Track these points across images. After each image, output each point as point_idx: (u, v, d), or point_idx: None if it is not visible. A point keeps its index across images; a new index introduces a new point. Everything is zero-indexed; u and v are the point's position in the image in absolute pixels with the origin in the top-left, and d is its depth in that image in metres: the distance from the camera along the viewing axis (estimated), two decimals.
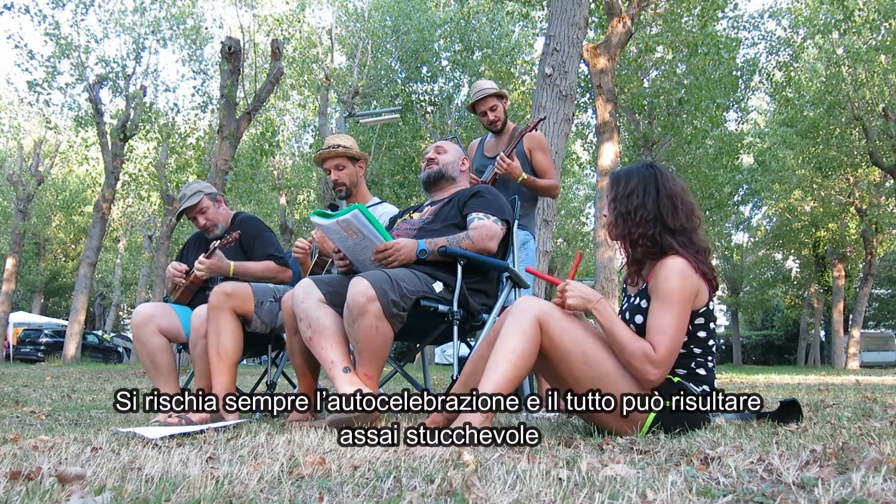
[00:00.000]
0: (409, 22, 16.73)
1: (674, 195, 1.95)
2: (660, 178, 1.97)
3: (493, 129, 3.59)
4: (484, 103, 3.52)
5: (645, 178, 1.98)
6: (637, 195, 1.95)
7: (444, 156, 2.88)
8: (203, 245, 3.20)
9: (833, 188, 20.43)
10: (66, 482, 1.27)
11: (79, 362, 16.10)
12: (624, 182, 2.00)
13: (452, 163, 2.88)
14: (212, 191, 3.23)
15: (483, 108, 3.53)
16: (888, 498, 1.06)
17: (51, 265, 29.60)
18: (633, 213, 1.94)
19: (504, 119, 3.58)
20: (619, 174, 2.05)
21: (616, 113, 10.58)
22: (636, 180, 1.98)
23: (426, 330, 2.58)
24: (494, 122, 3.55)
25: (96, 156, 19.57)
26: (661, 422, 1.86)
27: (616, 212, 1.99)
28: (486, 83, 3.58)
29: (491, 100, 3.52)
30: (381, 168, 16.74)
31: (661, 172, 2.00)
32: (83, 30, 16.28)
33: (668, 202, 1.94)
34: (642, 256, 1.98)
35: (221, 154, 10.26)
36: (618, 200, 1.99)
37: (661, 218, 1.92)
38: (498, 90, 3.54)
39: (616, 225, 1.99)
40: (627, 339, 1.83)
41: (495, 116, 3.54)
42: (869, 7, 15.21)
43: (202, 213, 3.15)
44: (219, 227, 3.19)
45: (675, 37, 13.65)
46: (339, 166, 3.20)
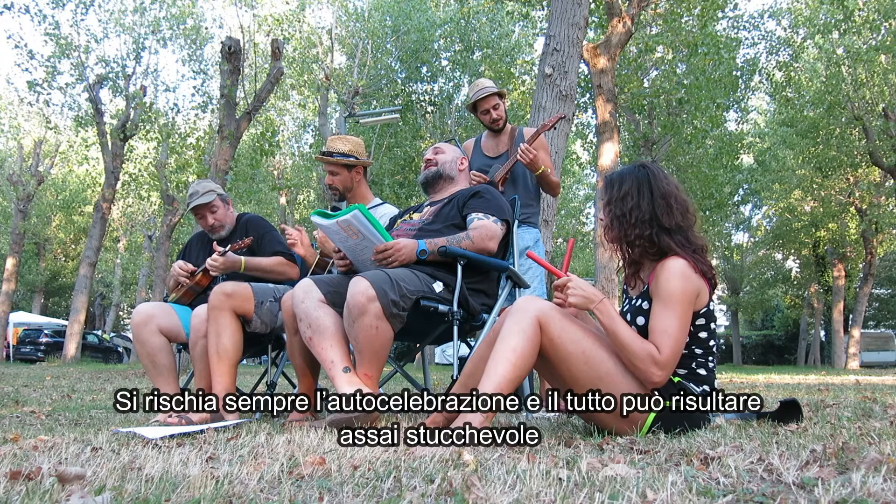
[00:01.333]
0: (409, 22, 16.73)
1: (667, 194, 1.95)
2: (653, 178, 1.98)
3: (494, 127, 3.60)
4: (486, 102, 3.53)
5: (638, 180, 1.97)
6: (631, 197, 1.95)
7: (442, 156, 2.89)
8: (207, 245, 3.20)
9: (833, 188, 20.43)
10: (66, 482, 1.27)
11: (79, 362, 16.10)
12: (617, 184, 2.00)
13: (450, 162, 2.88)
14: (223, 192, 3.28)
15: (485, 107, 3.54)
16: (888, 498, 1.06)
17: (51, 265, 29.60)
18: (628, 214, 1.94)
19: (506, 118, 3.59)
20: (612, 177, 2.05)
21: (616, 113, 10.57)
22: (629, 182, 1.98)
23: (426, 330, 2.58)
24: (497, 121, 3.56)
25: (96, 156, 19.58)
26: (661, 422, 1.86)
27: (611, 215, 1.99)
28: (486, 82, 3.59)
29: (493, 98, 3.53)
30: (381, 168, 16.74)
31: (654, 172, 2.00)
32: (83, 30, 16.29)
33: (662, 202, 1.94)
34: (640, 257, 1.98)
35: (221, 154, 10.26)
36: (612, 203, 1.99)
37: (657, 218, 1.92)
38: (498, 89, 3.56)
39: (612, 228, 1.99)
40: (631, 339, 1.83)
41: (498, 115, 3.55)
42: (869, 7, 15.21)
43: (212, 212, 3.18)
44: (225, 228, 3.21)
45: (675, 37, 13.65)
46: (333, 172, 3.19)
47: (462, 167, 2.91)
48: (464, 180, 2.92)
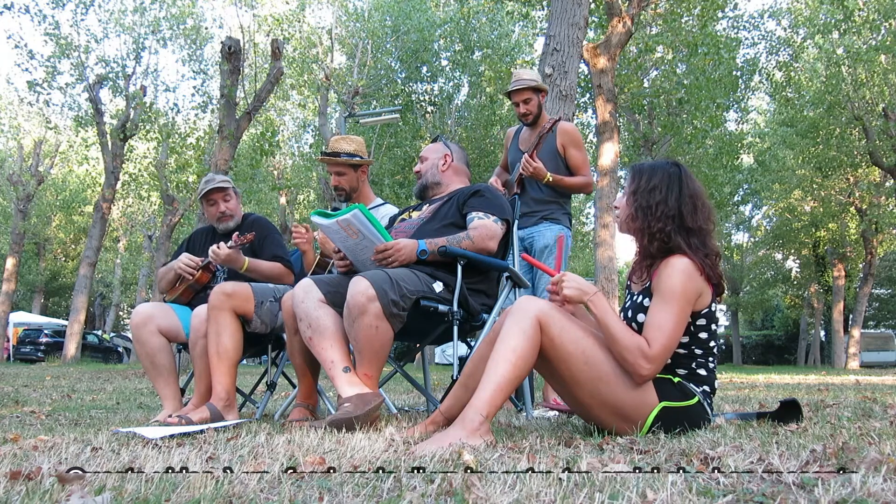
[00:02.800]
0: (409, 22, 16.73)
1: (696, 195, 1.95)
2: (684, 176, 1.97)
3: (524, 121, 3.58)
4: (518, 95, 3.49)
5: (670, 175, 1.96)
6: (660, 191, 1.94)
7: (425, 164, 2.87)
8: (209, 242, 3.17)
9: (833, 188, 20.43)
10: (66, 482, 1.27)
11: (79, 362, 16.11)
12: (647, 176, 1.98)
13: (431, 169, 2.85)
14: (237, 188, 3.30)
15: (517, 99, 3.51)
16: (888, 498, 1.06)
17: (51, 265, 29.60)
18: (654, 207, 1.93)
19: (537, 113, 3.54)
20: (642, 167, 2.02)
21: (616, 113, 10.57)
22: (660, 175, 1.97)
23: (426, 330, 2.58)
24: (526, 115, 3.53)
25: (96, 156, 19.57)
26: (661, 422, 1.86)
27: (636, 204, 1.97)
28: (525, 73, 3.55)
29: (526, 92, 3.49)
30: (381, 168, 16.74)
31: (686, 172, 1.99)
32: (83, 30, 16.29)
33: (689, 201, 1.93)
34: (656, 252, 1.96)
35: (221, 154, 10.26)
36: (639, 193, 1.97)
37: (681, 216, 1.91)
38: (536, 83, 3.49)
39: (635, 217, 1.97)
40: (622, 332, 1.84)
41: (527, 109, 3.51)
42: (869, 7, 15.20)
43: (226, 200, 3.19)
44: (233, 220, 3.21)
45: (675, 37, 13.65)
46: (340, 172, 3.20)
47: (445, 166, 2.85)
48: (452, 177, 2.87)
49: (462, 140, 17.26)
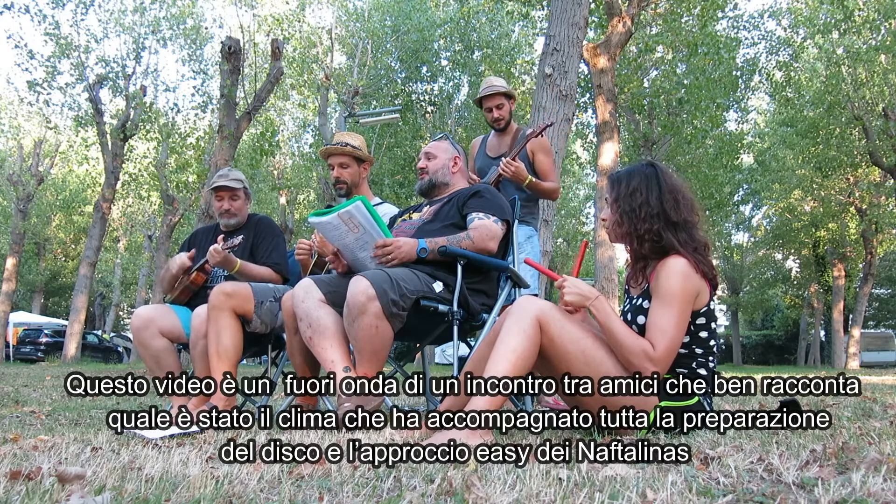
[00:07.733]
0: (409, 22, 16.72)
1: (675, 190, 1.97)
2: (661, 174, 2.00)
3: (495, 126, 3.60)
4: (491, 100, 3.54)
5: (647, 176, 1.99)
6: (640, 192, 1.96)
7: (434, 162, 2.85)
8: (212, 241, 3.17)
9: (833, 188, 20.42)
10: (66, 482, 1.27)
11: (79, 362, 16.11)
12: (626, 181, 2.01)
13: (441, 168, 2.84)
14: (249, 189, 3.30)
15: (489, 105, 3.55)
16: (888, 498, 1.06)
17: (51, 265, 29.59)
18: (637, 210, 1.95)
19: (508, 119, 3.59)
20: (618, 175, 2.05)
21: (616, 113, 10.58)
22: (638, 178, 1.99)
23: (426, 330, 2.58)
24: (498, 121, 3.57)
25: (96, 156, 19.56)
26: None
27: (620, 211, 1.99)
28: (496, 80, 3.59)
29: (498, 97, 3.53)
30: (381, 168, 16.72)
31: (662, 169, 2.02)
32: (83, 30, 16.28)
33: (670, 197, 1.95)
34: (648, 252, 1.97)
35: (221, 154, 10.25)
36: (621, 200, 2.00)
37: (665, 213, 1.93)
38: (507, 90, 3.55)
39: (621, 223, 1.99)
40: (625, 335, 1.84)
41: (499, 115, 3.55)
42: (869, 7, 15.19)
43: (234, 199, 3.20)
44: (236, 219, 3.22)
45: (675, 37, 13.64)
46: (344, 164, 3.21)
47: (455, 168, 2.86)
48: (460, 180, 2.89)
49: (462, 140, 17.25)
